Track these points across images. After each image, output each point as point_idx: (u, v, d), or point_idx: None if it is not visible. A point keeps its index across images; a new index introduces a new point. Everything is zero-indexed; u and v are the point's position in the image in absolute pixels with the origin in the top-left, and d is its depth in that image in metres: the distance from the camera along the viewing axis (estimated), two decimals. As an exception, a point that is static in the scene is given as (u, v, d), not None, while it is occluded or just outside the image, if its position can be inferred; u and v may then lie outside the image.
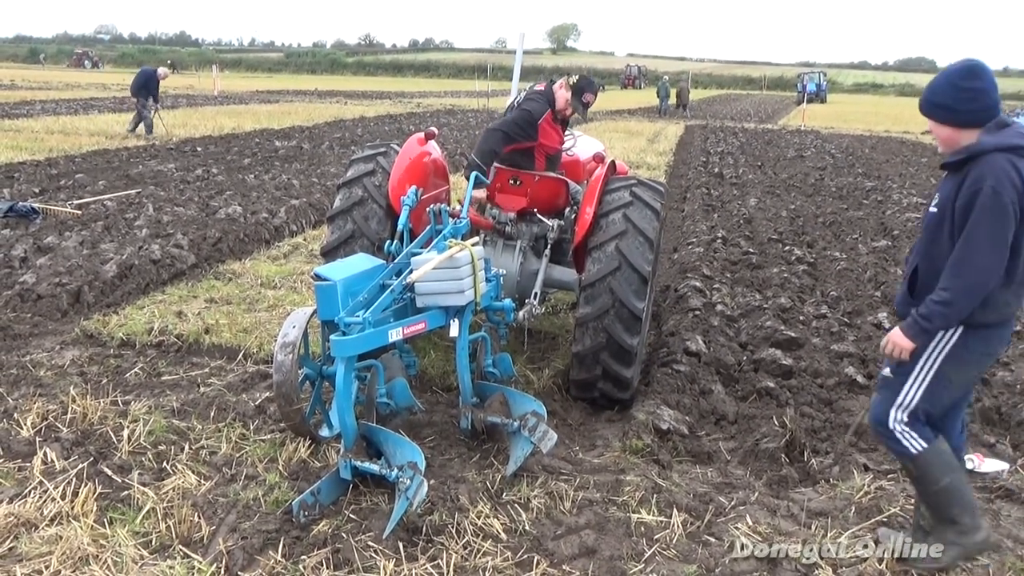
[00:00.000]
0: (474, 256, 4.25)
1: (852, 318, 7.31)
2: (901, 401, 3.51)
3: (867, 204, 13.77)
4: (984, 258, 3.20)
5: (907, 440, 3.50)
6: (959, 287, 3.25)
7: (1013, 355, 6.22)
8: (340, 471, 3.99)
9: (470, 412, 4.57)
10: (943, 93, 3.34)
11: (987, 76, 3.30)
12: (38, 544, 3.56)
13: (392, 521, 3.73)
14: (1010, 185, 3.16)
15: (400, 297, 4.25)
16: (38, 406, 4.82)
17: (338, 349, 3.77)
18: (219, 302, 7.31)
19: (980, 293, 3.24)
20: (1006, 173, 3.16)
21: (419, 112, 33.37)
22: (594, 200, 5.28)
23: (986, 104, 3.29)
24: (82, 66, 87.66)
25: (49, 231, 9.18)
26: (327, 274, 4.19)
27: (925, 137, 30.38)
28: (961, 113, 3.31)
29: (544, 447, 4.26)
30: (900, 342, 3.44)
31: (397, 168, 5.62)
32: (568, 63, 79.73)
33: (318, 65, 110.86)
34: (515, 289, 5.73)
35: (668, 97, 41.46)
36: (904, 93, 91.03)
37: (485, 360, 4.92)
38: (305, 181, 13.22)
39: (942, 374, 3.44)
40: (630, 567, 3.62)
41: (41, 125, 21.68)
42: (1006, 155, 3.20)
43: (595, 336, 5.05)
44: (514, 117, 5.75)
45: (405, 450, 3.91)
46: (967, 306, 3.27)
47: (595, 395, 5.35)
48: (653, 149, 21.47)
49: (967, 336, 3.38)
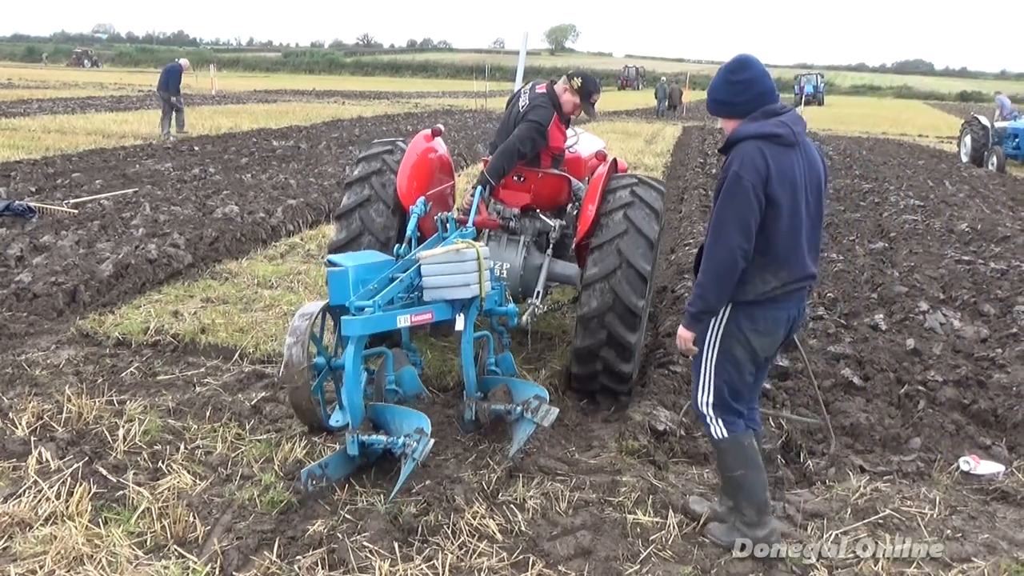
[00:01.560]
0: (480, 254, 4.39)
1: (849, 320, 7.32)
2: (703, 384, 3.68)
3: (864, 206, 13.78)
4: (727, 240, 3.38)
5: (714, 426, 3.68)
6: (708, 270, 3.45)
7: (1009, 357, 6.23)
8: (347, 447, 4.08)
9: (474, 404, 4.64)
10: (719, 90, 3.57)
11: (754, 67, 3.52)
12: (32, 544, 3.55)
13: (399, 483, 3.93)
14: (754, 170, 3.33)
15: (407, 294, 4.41)
16: (33, 405, 4.81)
17: (348, 328, 3.98)
18: (215, 302, 7.30)
19: (729, 274, 3.41)
20: (751, 159, 3.35)
21: (417, 112, 33.34)
22: (596, 197, 5.42)
23: (757, 92, 3.49)
24: (81, 65, 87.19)
25: (45, 230, 9.16)
26: (340, 261, 4.40)
27: (923, 139, 30.45)
28: (738, 105, 3.52)
29: (545, 422, 4.39)
30: (681, 334, 3.66)
31: (404, 164, 5.73)
32: (566, 64, 79.55)
33: (316, 65, 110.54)
34: (519, 283, 5.86)
35: (667, 98, 41.46)
36: (902, 95, 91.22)
37: (488, 359, 5.01)
38: (302, 181, 13.21)
39: (724, 352, 3.59)
40: (626, 568, 3.62)
41: (38, 124, 21.64)
42: (757, 142, 3.39)
43: (596, 333, 5.19)
44: (527, 132, 5.71)
45: (412, 419, 4.10)
46: (719, 287, 3.45)
47: (595, 388, 5.51)
48: (651, 150, 21.49)
49: (735, 313, 3.55)
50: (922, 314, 7.25)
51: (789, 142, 3.42)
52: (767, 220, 3.39)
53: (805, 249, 3.51)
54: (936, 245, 10.54)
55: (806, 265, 3.53)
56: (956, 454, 4.88)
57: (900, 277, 8.69)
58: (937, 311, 7.34)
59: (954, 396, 5.51)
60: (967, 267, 9.18)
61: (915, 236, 11.09)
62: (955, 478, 4.61)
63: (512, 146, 5.69)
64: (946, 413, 5.33)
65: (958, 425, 5.21)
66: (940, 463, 4.75)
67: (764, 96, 3.50)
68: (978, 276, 8.77)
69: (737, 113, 3.54)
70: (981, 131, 21.70)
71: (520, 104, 5.93)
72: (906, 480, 4.59)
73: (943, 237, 11.12)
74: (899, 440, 5.05)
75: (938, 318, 7.15)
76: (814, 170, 3.53)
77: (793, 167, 3.42)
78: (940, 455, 4.86)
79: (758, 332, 3.55)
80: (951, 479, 4.59)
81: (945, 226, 11.75)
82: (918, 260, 9.52)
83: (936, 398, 5.51)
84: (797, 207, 3.43)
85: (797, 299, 3.60)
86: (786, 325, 3.60)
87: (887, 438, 5.05)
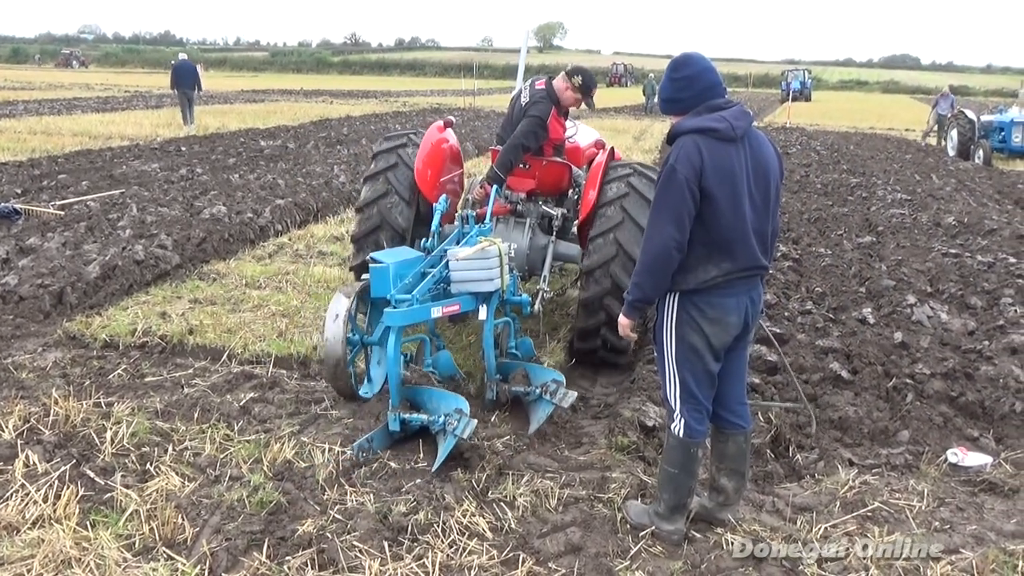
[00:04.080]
0: (501, 251, 4.85)
1: (837, 314, 7.34)
2: (669, 377, 3.72)
3: (852, 200, 13.83)
4: (659, 230, 3.45)
5: (677, 422, 3.72)
6: (644, 260, 3.54)
7: (996, 349, 6.26)
8: (389, 424, 4.54)
9: (495, 385, 5.08)
10: (664, 88, 3.65)
11: (695, 64, 3.58)
12: (20, 547, 3.53)
13: (440, 456, 4.28)
14: (688, 164, 3.40)
15: (436, 286, 4.92)
16: (20, 408, 4.78)
17: (391, 320, 4.46)
18: (203, 302, 7.27)
19: (663, 263, 3.48)
20: (687, 153, 3.42)
21: (405, 111, 33.28)
22: (596, 183, 5.99)
23: (700, 88, 3.55)
24: (70, 66, 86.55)
25: (31, 232, 9.10)
26: (381, 258, 4.88)
27: (910, 134, 30.57)
28: (683, 101, 3.59)
29: (565, 404, 4.78)
30: (621, 321, 3.77)
31: (420, 153, 6.32)
32: (555, 61, 79.37)
33: (304, 64, 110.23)
34: (525, 262, 6.39)
35: (655, 95, 41.47)
36: (888, 90, 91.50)
37: (509, 343, 5.47)
38: (290, 180, 13.16)
39: (680, 341, 3.63)
40: (616, 564, 3.62)
41: (24, 125, 21.53)
42: (695, 136, 3.46)
43: (596, 314, 5.79)
44: (529, 127, 6.16)
45: (450, 400, 4.53)
46: (654, 277, 3.53)
47: (596, 362, 6.17)
48: (639, 147, 21.52)
49: (682, 302, 3.61)
50: (910, 307, 7.28)
51: (728, 136, 3.46)
52: (706, 212, 3.45)
53: (753, 241, 3.55)
54: (923, 239, 10.59)
55: (755, 257, 3.57)
56: (944, 446, 4.90)
57: (888, 271, 8.73)
58: (924, 304, 7.37)
59: (942, 389, 5.54)
60: (954, 260, 9.22)
61: (903, 230, 11.14)
62: (943, 470, 4.63)
63: (517, 141, 6.18)
64: (934, 406, 5.35)
65: (946, 417, 5.24)
66: (928, 455, 4.77)
67: (707, 91, 3.55)
68: (965, 269, 8.82)
69: (683, 109, 3.59)
70: (968, 125, 21.81)
71: (522, 100, 6.38)
72: (894, 473, 4.61)
73: (930, 231, 11.17)
74: (887, 433, 5.07)
75: (925, 311, 7.18)
76: (761, 164, 3.55)
77: (731, 161, 3.46)
78: (928, 447, 4.88)
79: (707, 319, 3.58)
80: (939, 471, 4.61)
81: (932, 220, 11.81)
82: (905, 254, 9.56)
83: (924, 391, 5.53)
84: (738, 200, 3.47)
85: (747, 288, 3.64)
86: (737, 313, 3.62)
87: (875, 431, 5.07)
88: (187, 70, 22.66)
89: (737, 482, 3.90)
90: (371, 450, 4.46)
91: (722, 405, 3.83)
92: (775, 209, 3.66)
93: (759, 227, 3.58)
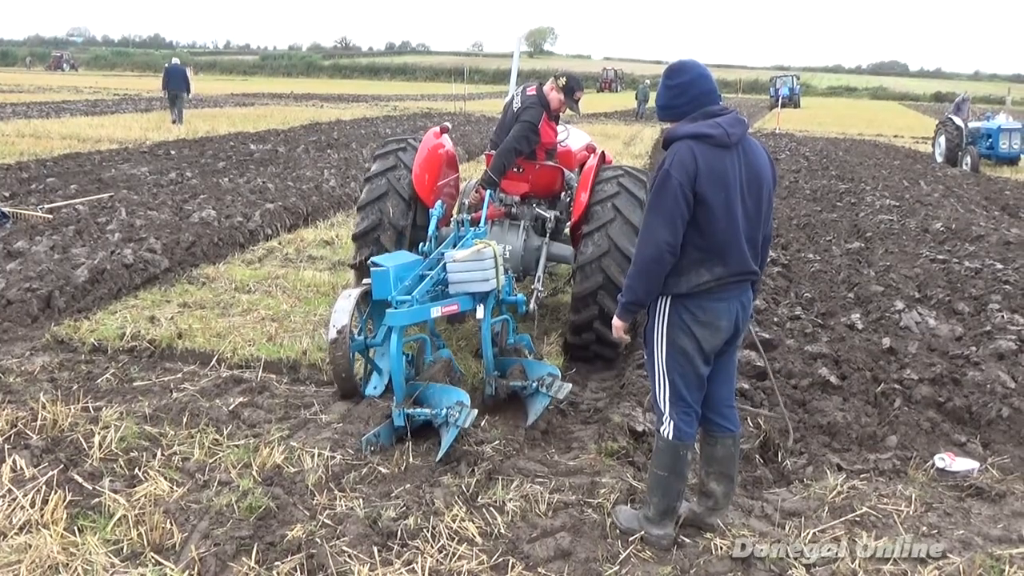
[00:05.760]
0: (496, 253, 5.02)
1: (826, 319, 7.37)
2: (659, 380, 3.74)
3: (841, 206, 13.89)
4: (652, 234, 3.48)
5: (666, 425, 3.73)
6: (637, 263, 3.57)
7: (983, 355, 6.29)
8: (394, 419, 4.70)
9: (494, 381, 5.23)
10: (660, 96, 3.68)
11: (690, 71, 3.60)
12: (7, 553, 3.51)
13: (443, 447, 4.43)
14: (682, 169, 3.44)
15: (435, 287, 5.09)
16: (7, 413, 4.75)
17: (392, 320, 4.65)
18: (192, 307, 7.25)
19: (655, 267, 3.51)
20: (681, 158, 3.45)
21: (396, 115, 33.28)
22: (588, 186, 6.19)
23: (695, 95, 3.57)
24: (60, 69, 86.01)
25: (19, 236, 9.04)
26: (382, 262, 5.05)
27: (898, 140, 30.74)
28: (678, 108, 3.62)
29: (560, 395, 4.93)
30: (615, 323, 3.80)
31: (418, 159, 6.54)
32: (545, 67, 79.54)
33: (294, 68, 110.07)
34: (519, 263, 6.58)
35: (647, 100, 41.59)
36: (877, 96, 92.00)
37: (508, 339, 5.62)
38: (280, 184, 13.12)
39: (671, 344, 3.66)
40: (605, 569, 3.63)
41: (12, 128, 21.40)
42: (689, 142, 3.50)
43: (589, 308, 5.99)
44: (521, 132, 6.42)
45: (451, 394, 4.70)
46: (647, 280, 3.56)
47: (589, 356, 6.33)
48: (629, 152, 21.56)
49: (675, 305, 3.63)
50: (898, 313, 7.32)
51: (722, 143, 3.49)
52: (699, 217, 3.48)
53: (745, 247, 3.58)
54: (911, 244, 10.65)
55: (746, 262, 3.61)
56: (932, 451, 4.93)
57: (876, 276, 8.77)
58: (912, 310, 7.41)
59: (929, 394, 5.56)
60: (942, 266, 9.27)
61: (891, 236, 11.20)
62: (931, 475, 4.66)
63: (510, 146, 6.42)
64: (922, 411, 5.38)
65: (933, 423, 5.26)
66: (916, 460, 4.79)
67: (702, 98, 3.58)
68: (952, 275, 8.87)
69: (679, 115, 3.62)
70: (955, 131, 21.94)
71: (514, 106, 6.61)
72: (882, 478, 4.63)
73: (918, 237, 11.23)
74: (875, 438, 5.09)
75: (913, 317, 7.22)
76: (754, 171, 3.58)
77: (725, 167, 3.49)
78: (916, 453, 4.90)
79: (699, 323, 3.61)
80: (927, 476, 4.63)
81: (920, 226, 11.87)
82: (894, 260, 9.61)
83: (912, 396, 5.56)
84: (731, 206, 3.50)
85: (737, 293, 3.66)
86: (728, 317, 3.64)
87: (864, 436, 5.09)
88: (178, 73, 24.53)
89: (726, 486, 3.91)
90: (379, 445, 4.61)
91: (711, 408, 3.85)
92: (768, 216, 3.69)
93: (751, 233, 3.61)
